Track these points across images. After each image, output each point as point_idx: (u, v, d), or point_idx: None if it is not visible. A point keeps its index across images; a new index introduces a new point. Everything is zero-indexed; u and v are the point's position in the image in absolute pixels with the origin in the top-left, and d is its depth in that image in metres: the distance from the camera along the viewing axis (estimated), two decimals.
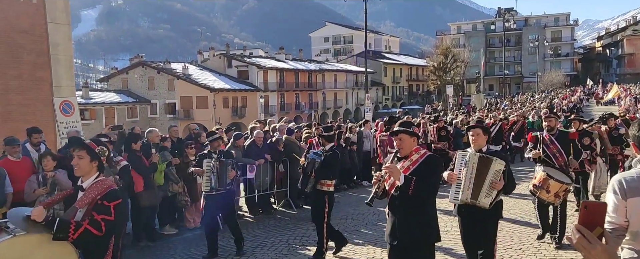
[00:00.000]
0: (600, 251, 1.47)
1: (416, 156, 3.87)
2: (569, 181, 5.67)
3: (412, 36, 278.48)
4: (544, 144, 6.30)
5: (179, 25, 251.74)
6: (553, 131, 6.42)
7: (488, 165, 4.34)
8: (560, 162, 6.19)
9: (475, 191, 4.35)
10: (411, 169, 3.80)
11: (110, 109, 42.16)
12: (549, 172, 5.63)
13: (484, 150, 4.58)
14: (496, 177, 4.31)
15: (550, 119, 6.55)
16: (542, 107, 23.28)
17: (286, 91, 50.64)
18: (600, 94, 41.69)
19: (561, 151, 6.22)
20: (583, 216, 1.55)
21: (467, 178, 4.37)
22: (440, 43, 58.53)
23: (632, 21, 78.84)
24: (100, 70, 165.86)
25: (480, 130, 4.65)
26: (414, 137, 3.93)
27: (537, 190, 5.68)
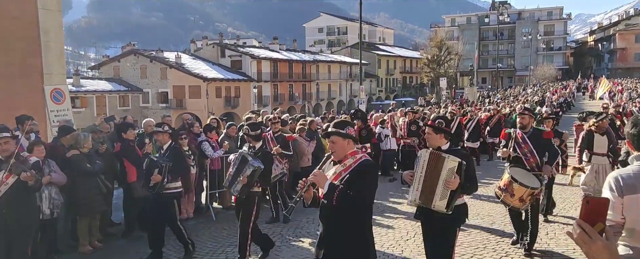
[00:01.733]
0: (601, 247, 1.46)
1: (350, 161, 3.41)
2: (535, 185, 5.22)
3: (407, 28, 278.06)
4: (516, 142, 5.80)
5: (172, 14, 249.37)
6: (526, 129, 5.88)
7: (440, 163, 3.93)
8: (531, 163, 5.70)
9: (427, 192, 3.98)
10: (342, 176, 3.35)
11: (101, 97, 41.78)
12: (514, 174, 5.23)
13: (443, 148, 4.19)
14: (450, 175, 3.89)
15: (524, 116, 5.97)
16: (533, 101, 23.34)
17: (280, 82, 50.45)
18: (592, 88, 41.98)
19: (533, 151, 5.72)
20: (584, 211, 1.54)
21: (417, 178, 4.03)
22: (435, 35, 58.52)
23: (624, 16, 79.29)
24: (92, 58, 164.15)
25: (431, 129, 4.26)
26: (348, 139, 3.44)
27: (501, 193, 5.32)
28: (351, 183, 3.29)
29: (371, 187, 3.42)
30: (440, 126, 4.26)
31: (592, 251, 1.49)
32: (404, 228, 7.17)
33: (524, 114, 6.04)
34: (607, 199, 1.57)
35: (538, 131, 5.93)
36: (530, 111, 6.26)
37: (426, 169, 3.98)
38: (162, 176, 5.57)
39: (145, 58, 45.66)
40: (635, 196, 2.32)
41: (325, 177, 3.35)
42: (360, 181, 3.31)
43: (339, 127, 3.51)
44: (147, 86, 45.27)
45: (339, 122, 3.62)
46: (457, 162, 3.89)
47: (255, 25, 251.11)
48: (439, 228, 4.14)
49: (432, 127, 4.29)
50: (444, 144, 4.22)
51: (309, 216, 7.96)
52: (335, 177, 3.39)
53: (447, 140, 4.25)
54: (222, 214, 8.32)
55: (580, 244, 1.51)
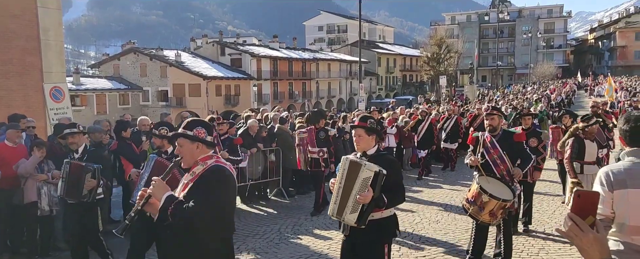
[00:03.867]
0: (592, 239, 1.48)
1: (200, 168, 2.89)
2: (507, 197, 4.61)
3: (406, 26, 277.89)
4: (484, 147, 5.16)
5: (172, 12, 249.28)
6: (496, 131, 5.24)
7: (356, 172, 3.44)
8: (501, 170, 5.07)
9: (342, 203, 3.53)
10: (190, 186, 2.86)
11: (101, 95, 41.78)
12: (483, 184, 4.65)
13: (369, 153, 3.70)
14: (363, 187, 3.40)
15: (493, 117, 5.24)
16: (533, 99, 23.30)
17: (280, 80, 50.45)
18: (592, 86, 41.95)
19: (503, 156, 5.08)
20: (575, 204, 1.56)
21: (337, 189, 3.58)
22: (434, 33, 58.38)
23: (624, 14, 79.10)
24: (92, 56, 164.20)
25: (363, 130, 3.72)
26: (196, 143, 2.91)
27: (469, 206, 4.70)
28: (193, 195, 2.77)
29: (219, 199, 2.80)
30: (372, 126, 3.76)
31: (583, 244, 1.51)
32: (402, 225, 7.16)
33: (492, 114, 5.29)
34: (598, 193, 1.59)
35: (508, 134, 5.32)
36: (499, 110, 5.55)
37: (345, 178, 3.52)
38: (96, 181, 5.00)
39: (145, 56, 45.64)
40: (625, 190, 2.36)
41: (166, 188, 2.79)
42: (204, 191, 2.75)
43: (187, 128, 2.97)
44: (147, 84, 45.27)
45: (189, 122, 3.04)
46: (372, 172, 3.38)
47: (255, 23, 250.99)
48: (363, 244, 3.64)
49: (363, 128, 3.72)
50: (372, 148, 3.73)
51: (307, 214, 7.99)
52: (183, 188, 2.92)
53: (377, 143, 3.79)
54: None
55: (571, 236, 1.54)
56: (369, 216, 3.50)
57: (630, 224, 2.35)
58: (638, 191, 2.34)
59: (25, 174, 5.80)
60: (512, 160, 5.14)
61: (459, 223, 7.21)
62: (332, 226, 7.20)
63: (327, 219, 7.60)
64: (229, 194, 2.95)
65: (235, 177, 2.98)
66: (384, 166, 3.46)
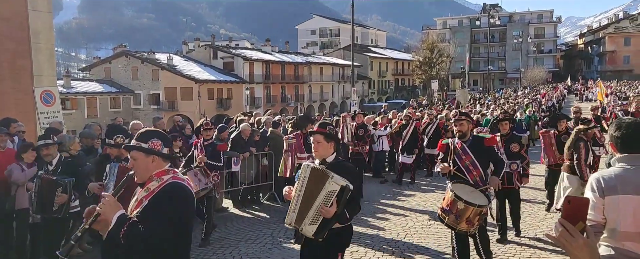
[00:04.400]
0: (582, 245, 1.50)
1: (155, 184, 2.67)
2: (483, 203, 4.51)
3: (399, 30, 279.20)
4: (456, 154, 5.01)
5: (164, 15, 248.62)
6: (465, 137, 5.09)
7: (322, 182, 3.25)
8: (474, 176, 4.93)
9: (301, 213, 3.36)
10: (144, 204, 2.63)
11: (92, 99, 41.50)
12: (458, 191, 4.53)
13: (328, 161, 3.54)
14: (327, 200, 3.23)
15: (461, 123, 5.10)
16: (524, 103, 23.45)
17: (272, 83, 50.42)
18: (581, 90, 42.36)
19: (475, 162, 4.93)
20: (566, 210, 1.58)
21: (296, 196, 3.39)
22: (426, 38, 58.75)
23: (614, 19, 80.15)
24: (83, 59, 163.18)
25: (322, 136, 3.55)
26: (152, 156, 2.68)
27: (445, 216, 4.53)
28: (148, 214, 2.55)
29: (176, 220, 2.57)
30: (331, 132, 3.59)
31: (574, 249, 1.53)
32: (394, 229, 7.21)
33: (461, 119, 5.14)
34: (588, 199, 1.61)
35: (479, 139, 5.15)
36: (468, 115, 5.38)
37: (306, 186, 3.34)
38: (68, 195, 4.80)
39: (136, 59, 45.42)
40: (616, 196, 2.39)
41: (117, 206, 2.55)
42: (160, 211, 2.53)
43: (141, 139, 2.73)
44: (139, 88, 45.03)
45: (144, 133, 2.79)
46: (339, 186, 3.20)
47: (248, 27, 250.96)
48: (317, 253, 3.55)
49: (322, 134, 3.55)
50: (331, 155, 3.57)
51: None
52: (136, 204, 2.68)
53: (335, 150, 3.60)
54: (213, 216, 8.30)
55: (562, 242, 1.55)
56: None
57: (621, 229, 2.38)
58: (629, 196, 2.37)
59: (19, 183, 5.75)
60: (484, 165, 5.00)
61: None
62: None
63: None
64: (187, 213, 2.69)
65: (193, 194, 2.73)
66: (343, 174, 3.32)
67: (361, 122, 9.98)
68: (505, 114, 7.65)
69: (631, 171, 2.44)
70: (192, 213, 2.82)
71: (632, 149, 2.49)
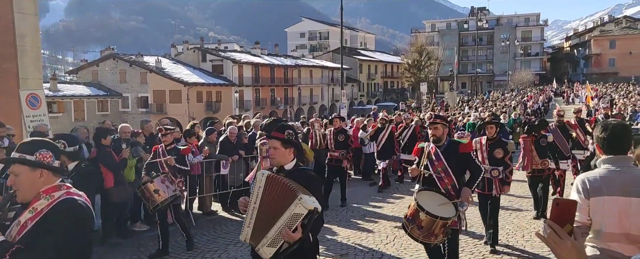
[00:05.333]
0: (570, 247, 1.51)
1: (44, 203, 2.29)
2: (447, 215, 4.19)
3: (388, 33, 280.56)
4: (429, 159, 4.71)
5: (152, 18, 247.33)
6: (440, 142, 4.77)
7: (287, 201, 2.80)
8: (445, 184, 4.64)
9: (258, 230, 2.93)
10: (29, 227, 2.24)
11: (79, 102, 41.07)
12: (422, 201, 4.23)
13: (287, 168, 3.17)
14: (292, 224, 2.78)
15: (436, 127, 4.76)
16: (515, 106, 23.63)
17: (261, 86, 50.34)
18: (568, 93, 42.88)
19: (448, 169, 4.63)
20: (554, 212, 1.59)
21: (251, 209, 2.97)
22: (415, 41, 59.13)
23: (599, 22, 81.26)
24: (69, 62, 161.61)
25: (279, 142, 3.17)
26: (39, 169, 2.34)
27: (409, 225, 4.24)
28: (36, 239, 2.17)
29: (71, 244, 2.20)
30: (290, 137, 3.20)
31: (561, 251, 1.54)
32: (384, 232, 7.22)
33: (435, 123, 4.79)
34: (575, 201, 1.63)
35: (454, 144, 4.83)
36: (444, 119, 5.02)
37: (262, 198, 2.92)
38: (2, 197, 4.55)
39: (124, 62, 45.07)
40: (601, 198, 2.42)
41: None
42: (51, 235, 2.16)
43: (26, 151, 2.36)
44: (127, 91, 44.67)
45: (28, 144, 2.45)
46: (307, 210, 2.77)
47: (237, 29, 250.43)
48: None
49: (279, 139, 3.16)
50: (290, 162, 3.20)
51: None
52: (19, 229, 2.26)
53: (295, 156, 3.24)
54: (202, 219, 8.26)
55: (550, 244, 1.56)
56: None
57: (606, 231, 2.41)
58: (613, 198, 2.40)
59: None
60: (458, 173, 4.70)
61: None
62: None
63: None
64: (83, 237, 2.30)
65: (92, 211, 2.40)
66: (303, 182, 2.95)
67: (339, 127, 9.22)
68: (492, 117, 7.22)
69: (616, 172, 2.47)
70: (89, 236, 2.41)
71: (617, 150, 2.53)
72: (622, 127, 2.59)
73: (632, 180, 2.43)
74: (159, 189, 6.03)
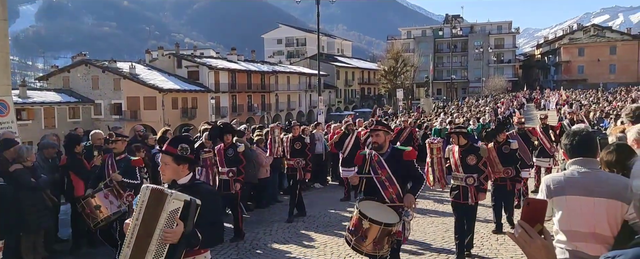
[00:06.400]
0: (540, 246, 1.54)
1: None
2: (391, 221, 4.03)
3: (364, 40, 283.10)
4: (371, 166, 4.47)
5: (126, 23, 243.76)
6: (382, 149, 4.53)
7: (160, 204, 2.65)
8: (390, 193, 4.39)
9: (138, 248, 2.68)
10: None
11: (49, 109, 40.05)
12: (364, 208, 4.04)
13: (180, 183, 2.97)
14: (170, 222, 2.64)
15: (377, 134, 4.53)
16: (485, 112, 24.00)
17: (238, 92, 50.07)
18: (538, 99, 43.92)
19: (392, 178, 4.39)
20: (525, 212, 1.61)
21: (132, 226, 2.74)
22: (391, 47, 59.70)
23: (568, 30, 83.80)
24: (40, 68, 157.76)
25: (170, 158, 3.00)
26: None
27: (351, 237, 4.02)
28: None
29: None
30: (184, 153, 2.98)
31: (532, 250, 1.56)
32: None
33: (377, 130, 4.56)
34: (546, 201, 1.66)
35: (398, 151, 4.60)
36: (386, 125, 4.75)
37: (144, 213, 2.70)
38: None
39: (97, 68, 44.22)
40: (564, 197, 2.53)
41: None
42: None
43: None
44: (100, 97, 43.80)
45: None
46: (182, 201, 2.66)
47: (213, 36, 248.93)
48: None
49: (171, 155, 2.96)
50: (185, 177, 2.99)
51: (265, 227, 7.90)
52: None
53: (191, 171, 3.04)
54: None
55: (521, 243, 1.58)
56: None
57: (573, 229, 2.50)
58: (575, 197, 2.52)
59: None
60: (402, 181, 4.48)
61: (436, 223, 7.32)
62: (291, 240, 7.15)
63: (286, 233, 7.55)
64: None
65: None
66: (198, 197, 2.79)
67: (297, 134, 8.67)
68: (455, 127, 6.61)
69: (581, 173, 2.59)
70: None
71: (581, 153, 2.64)
72: (587, 133, 2.71)
73: (595, 181, 2.53)
74: (101, 205, 5.58)
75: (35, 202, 6.01)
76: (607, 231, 2.45)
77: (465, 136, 6.16)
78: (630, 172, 1.54)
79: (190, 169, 3.05)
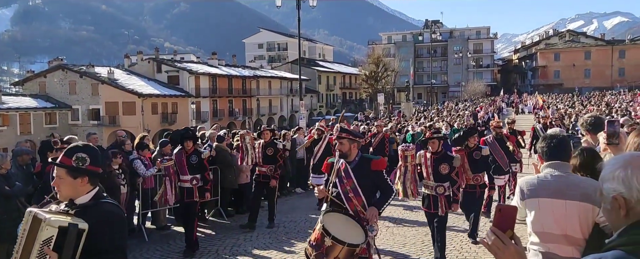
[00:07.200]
0: (513, 251, 1.56)
1: None
2: (356, 241, 3.73)
3: (345, 45, 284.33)
4: (338, 176, 4.18)
5: (104, 28, 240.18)
6: (350, 157, 4.23)
7: (35, 232, 2.29)
8: (354, 205, 4.09)
9: None
10: None
11: (25, 114, 39.17)
12: (328, 224, 3.76)
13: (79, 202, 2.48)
14: (42, 255, 2.27)
15: (342, 142, 4.23)
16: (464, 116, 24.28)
17: (219, 97, 49.72)
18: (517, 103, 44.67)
19: (358, 189, 4.09)
20: (497, 219, 1.63)
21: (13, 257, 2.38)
22: (372, 52, 60.14)
23: (544, 36, 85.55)
24: (15, 73, 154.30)
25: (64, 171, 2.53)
26: None
27: (312, 251, 3.79)
28: None
29: None
30: (80, 165, 2.49)
31: (506, 256, 1.58)
32: None
33: (341, 137, 4.25)
34: (516, 207, 1.69)
35: (366, 160, 4.29)
36: (351, 132, 4.41)
37: (24, 244, 2.34)
38: None
39: (74, 73, 43.42)
40: (536, 199, 2.60)
41: None
42: None
43: None
44: (77, 103, 43.01)
45: None
46: (56, 229, 2.26)
47: (193, 40, 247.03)
48: None
49: (64, 167, 2.49)
50: (85, 195, 2.51)
51: (246, 233, 7.84)
52: None
53: (94, 186, 2.55)
54: (155, 234, 8.00)
55: (494, 250, 1.60)
56: None
57: (546, 231, 2.56)
58: (547, 200, 2.59)
59: None
60: (369, 193, 4.21)
61: (412, 232, 7.36)
62: (272, 246, 7.11)
63: (267, 239, 7.51)
64: None
65: None
66: (96, 220, 2.37)
67: (269, 140, 8.24)
68: (432, 132, 6.31)
69: (554, 176, 2.66)
70: None
71: (556, 157, 2.70)
72: (562, 138, 2.79)
73: (567, 184, 2.59)
74: None
75: (8, 210, 5.86)
76: (578, 233, 2.50)
77: (442, 140, 5.99)
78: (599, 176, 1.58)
79: (93, 184, 2.54)
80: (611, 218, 1.54)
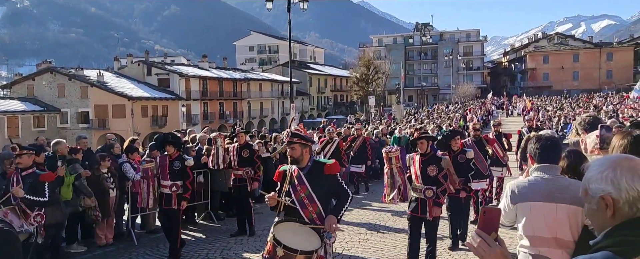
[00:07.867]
0: (498, 254, 1.56)
1: None
2: (309, 247, 3.62)
3: (336, 47, 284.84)
4: (291, 183, 3.98)
5: (93, 30, 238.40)
6: (301, 163, 4.03)
7: None
8: (310, 212, 3.89)
9: None
10: None
11: (13, 118, 38.73)
12: (279, 233, 3.66)
13: None
14: None
15: (293, 147, 4.02)
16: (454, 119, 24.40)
17: (210, 100, 49.55)
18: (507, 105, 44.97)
19: (312, 195, 3.90)
20: (482, 221, 1.63)
21: None
22: (363, 55, 60.29)
23: (533, 38, 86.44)
24: (3, 76, 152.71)
25: None
26: None
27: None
28: None
29: None
30: None
31: (491, 258, 1.58)
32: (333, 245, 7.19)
33: (292, 142, 4.04)
34: (500, 209, 1.70)
35: (319, 165, 4.07)
36: (302, 137, 4.12)
37: None
38: None
39: (63, 76, 43.05)
40: (528, 203, 2.58)
41: None
42: None
43: None
44: (66, 106, 42.61)
45: None
46: None
47: (184, 43, 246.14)
48: None
49: None
50: None
51: (237, 237, 7.80)
52: None
53: None
54: (145, 238, 7.93)
55: (479, 252, 1.60)
56: None
57: (537, 234, 2.56)
58: (539, 203, 2.57)
59: None
60: (324, 199, 4.01)
61: (387, 240, 7.36)
62: (262, 249, 7.05)
63: (257, 242, 7.47)
64: None
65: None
66: None
67: (244, 142, 7.99)
68: (421, 132, 6.04)
69: (544, 179, 2.64)
70: None
71: (547, 160, 2.69)
72: (554, 140, 2.79)
73: (557, 187, 2.58)
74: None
75: None
76: (568, 236, 2.51)
77: (431, 141, 5.81)
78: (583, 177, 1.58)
79: None
80: (596, 219, 1.54)
